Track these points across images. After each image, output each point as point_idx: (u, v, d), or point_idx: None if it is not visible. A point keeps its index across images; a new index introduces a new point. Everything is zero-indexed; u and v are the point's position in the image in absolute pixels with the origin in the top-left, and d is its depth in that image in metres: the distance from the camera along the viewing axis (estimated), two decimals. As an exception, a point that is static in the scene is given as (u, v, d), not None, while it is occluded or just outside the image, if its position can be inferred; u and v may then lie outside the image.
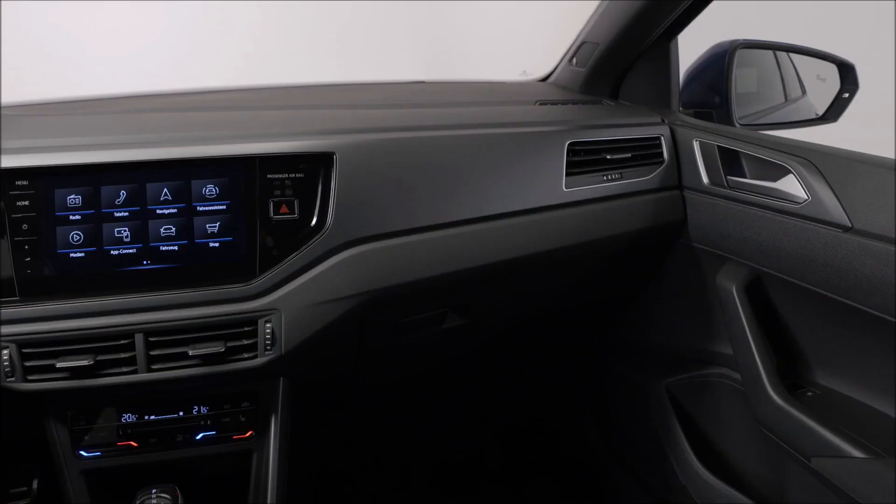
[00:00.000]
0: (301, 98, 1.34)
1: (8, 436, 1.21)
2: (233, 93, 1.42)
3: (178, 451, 1.00)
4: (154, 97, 1.35)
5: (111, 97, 1.33)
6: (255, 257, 0.96)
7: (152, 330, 0.92)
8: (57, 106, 1.27)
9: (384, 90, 1.52)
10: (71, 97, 1.34)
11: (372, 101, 1.30)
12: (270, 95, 1.38)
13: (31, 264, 0.93)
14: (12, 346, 0.90)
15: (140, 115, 1.11)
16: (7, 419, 1.06)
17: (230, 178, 0.96)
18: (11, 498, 1.37)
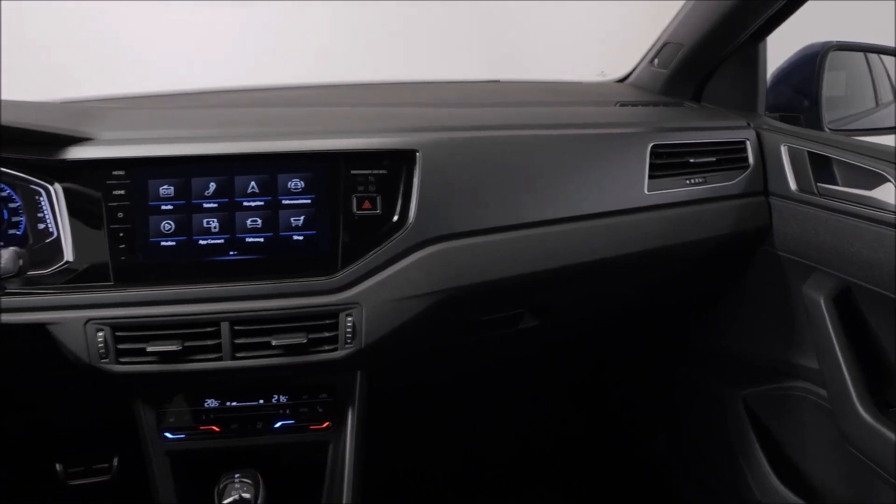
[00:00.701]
0: (380, 95, 1.35)
1: (95, 415, 1.27)
2: (311, 89, 1.45)
3: (257, 437, 1.02)
4: (235, 93, 1.39)
5: (195, 92, 1.37)
6: (337, 251, 0.98)
7: (238, 319, 0.95)
8: (145, 100, 1.32)
9: (460, 88, 1.52)
10: (156, 91, 1.39)
11: (450, 99, 1.30)
12: (348, 92, 1.40)
13: (125, 251, 0.96)
14: (107, 328, 0.94)
15: (226, 110, 1.14)
16: (97, 399, 1.11)
17: (315, 173, 0.98)
18: (94, 473, 1.43)
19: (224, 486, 0.92)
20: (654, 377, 1.67)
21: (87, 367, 0.94)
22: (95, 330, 0.94)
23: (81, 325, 0.94)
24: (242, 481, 0.93)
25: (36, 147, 0.96)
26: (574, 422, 1.79)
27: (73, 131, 0.97)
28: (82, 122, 0.99)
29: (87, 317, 0.94)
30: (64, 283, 0.97)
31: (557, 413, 1.79)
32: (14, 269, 0.88)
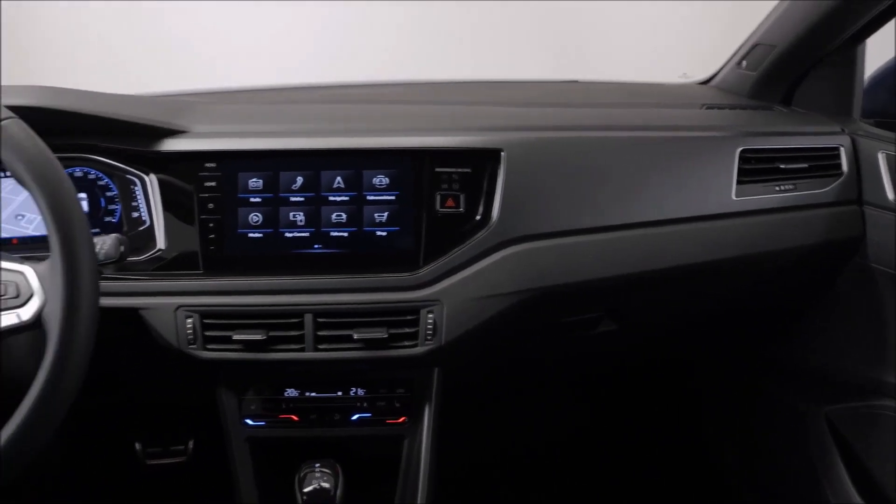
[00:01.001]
0: (459, 93, 1.35)
1: (176, 399, 1.31)
2: (389, 87, 1.46)
3: (335, 428, 1.04)
4: (316, 89, 1.41)
5: (277, 88, 1.40)
6: (419, 248, 0.98)
7: (321, 311, 0.96)
8: (230, 95, 1.36)
9: (539, 88, 1.51)
10: (240, 87, 1.43)
11: (531, 98, 1.29)
12: (427, 90, 1.40)
13: (214, 241, 0.99)
14: (195, 315, 0.97)
15: (311, 106, 1.16)
16: (180, 384, 1.15)
17: (400, 170, 0.99)
18: (170, 454, 1.48)
19: (304, 475, 0.94)
20: (731, 387, 1.62)
21: (176, 352, 0.97)
22: (185, 316, 0.97)
23: (172, 312, 0.97)
24: (322, 471, 0.94)
25: (134, 138, 1.00)
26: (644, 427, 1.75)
27: (169, 124, 1.00)
28: (177, 116, 1.03)
29: (177, 303, 0.97)
30: (155, 270, 1.00)
31: (627, 417, 1.76)
32: (116, 255, 0.92)
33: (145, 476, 1.56)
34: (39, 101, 0.89)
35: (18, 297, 0.73)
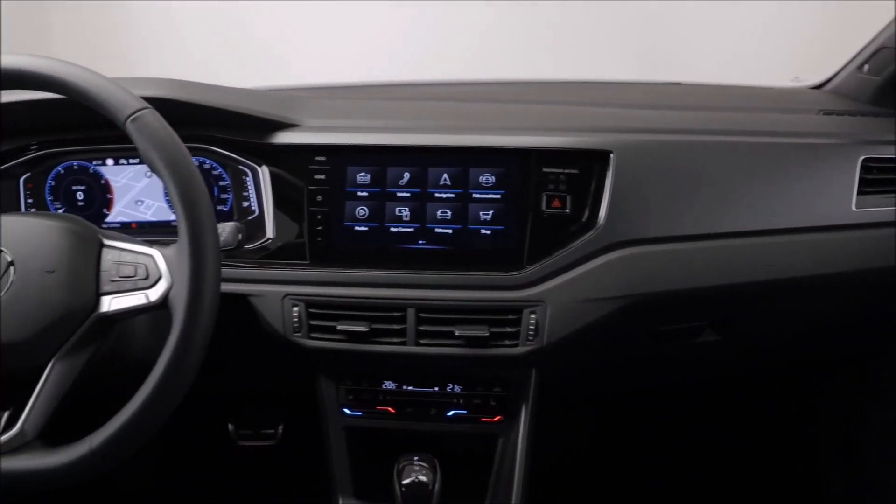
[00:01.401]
0: (564, 94, 1.34)
1: (275, 385, 1.35)
2: (491, 85, 1.46)
3: (430, 423, 1.04)
4: (422, 86, 1.42)
5: (384, 84, 1.42)
6: (523, 248, 0.98)
7: (424, 307, 0.97)
8: (338, 90, 1.38)
9: (642, 90, 1.48)
10: (344, 82, 1.45)
11: (637, 100, 1.26)
12: (529, 90, 1.39)
13: (321, 233, 1.01)
14: (301, 304, 0.99)
15: (418, 103, 1.17)
16: (281, 370, 1.18)
17: (507, 169, 0.98)
18: (261, 437, 1.53)
19: (403, 467, 0.95)
20: (839, 410, 1.55)
21: (281, 339, 1.00)
22: (291, 305, 0.99)
23: (279, 300, 1.00)
24: (420, 464, 0.95)
25: (249, 131, 1.03)
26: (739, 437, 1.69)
27: (283, 117, 1.03)
28: (290, 110, 1.05)
29: (284, 292, 1.00)
30: (262, 258, 1.03)
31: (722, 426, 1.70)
32: (234, 243, 0.95)
33: (235, 456, 1.61)
34: (168, 92, 0.93)
35: (147, 278, 0.77)
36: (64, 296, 0.76)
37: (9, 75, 0.77)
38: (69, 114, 1.01)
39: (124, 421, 0.74)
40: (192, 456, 1.67)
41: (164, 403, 0.74)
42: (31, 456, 0.75)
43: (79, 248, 0.78)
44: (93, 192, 1.12)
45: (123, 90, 0.76)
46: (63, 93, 0.77)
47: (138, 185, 1.12)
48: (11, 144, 1.07)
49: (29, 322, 0.75)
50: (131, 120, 0.75)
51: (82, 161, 1.11)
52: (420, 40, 3.25)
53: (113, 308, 0.77)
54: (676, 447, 1.68)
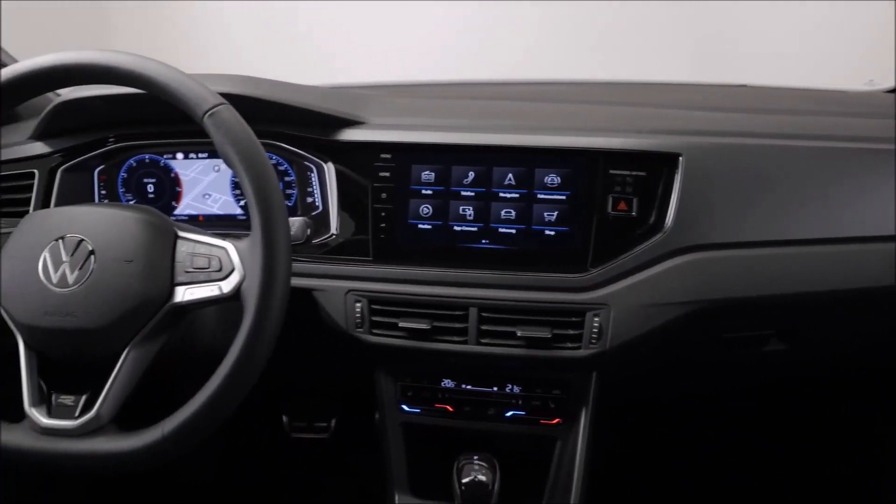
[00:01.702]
0: (628, 95, 1.32)
1: (332, 379, 1.37)
2: (556, 85, 1.45)
3: (488, 423, 1.04)
4: (485, 85, 1.42)
5: (446, 83, 1.43)
6: (588, 250, 0.97)
7: (486, 306, 0.97)
8: (401, 88, 1.39)
9: (706, 91, 1.45)
10: (403, 81, 1.46)
11: (703, 102, 1.24)
12: (594, 90, 1.38)
13: (385, 230, 1.02)
14: (364, 300, 1.00)
15: (484, 102, 1.16)
16: (340, 365, 1.19)
17: (573, 170, 0.98)
18: (314, 430, 1.55)
19: (462, 466, 0.95)
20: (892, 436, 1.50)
21: (343, 334, 1.01)
22: (354, 301, 1.00)
23: (342, 295, 1.01)
24: (480, 464, 0.95)
25: (316, 127, 1.04)
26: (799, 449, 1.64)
27: (350, 115, 1.04)
28: (356, 107, 1.06)
29: (347, 287, 1.01)
30: (325, 253, 1.05)
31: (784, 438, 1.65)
32: (303, 238, 0.97)
33: (288, 447, 1.64)
34: (242, 89, 0.95)
35: (220, 270, 0.78)
36: (141, 285, 0.78)
37: (95, 71, 0.79)
38: (145, 108, 1.04)
39: (196, 408, 0.75)
40: (247, 446, 1.70)
41: (234, 393, 0.76)
42: (105, 439, 0.77)
43: (156, 240, 0.80)
44: (163, 185, 1.15)
45: (202, 86, 0.78)
46: (145, 88, 0.79)
47: (206, 178, 1.15)
48: (89, 137, 1.11)
49: (107, 310, 0.77)
50: (209, 115, 0.77)
51: (154, 154, 1.14)
52: (472, 40, 3.25)
53: (186, 298, 0.79)
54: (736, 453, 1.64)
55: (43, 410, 0.79)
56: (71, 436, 0.77)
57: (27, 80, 0.80)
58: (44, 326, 0.78)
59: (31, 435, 0.78)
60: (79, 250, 0.79)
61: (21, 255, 0.80)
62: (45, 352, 0.81)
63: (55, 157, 1.11)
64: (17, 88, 0.80)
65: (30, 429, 0.78)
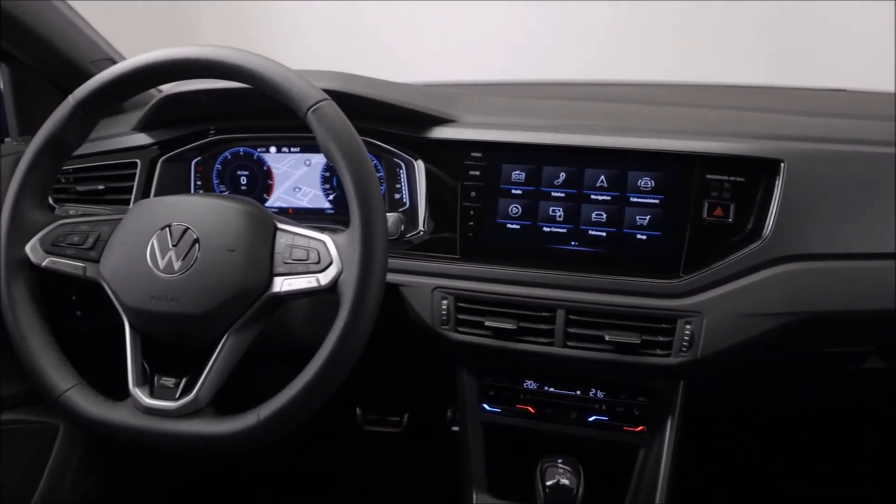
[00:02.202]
0: (722, 98, 1.29)
1: (412, 374, 1.38)
2: (647, 87, 1.43)
3: (569, 427, 1.03)
4: (572, 85, 1.41)
5: (533, 82, 1.42)
6: (680, 256, 0.95)
7: (574, 308, 0.96)
8: (486, 87, 1.39)
9: (803, 95, 1.40)
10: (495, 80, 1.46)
11: (802, 106, 1.20)
12: (686, 92, 1.35)
13: (472, 228, 1.02)
14: (451, 298, 1.00)
15: (574, 103, 1.15)
16: (423, 361, 1.20)
17: (667, 174, 0.96)
18: (387, 423, 1.57)
19: (546, 469, 0.95)
20: None
21: (428, 330, 1.02)
22: (440, 298, 1.01)
23: (429, 292, 1.01)
24: (564, 467, 0.94)
25: (408, 125, 1.05)
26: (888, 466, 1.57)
27: (442, 113, 1.04)
28: (448, 105, 1.07)
29: (434, 284, 1.02)
30: (412, 250, 1.05)
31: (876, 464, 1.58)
32: (396, 233, 0.98)
33: (361, 439, 1.66)
34: (340, 85, 0.96)
35: (319, 262, 0.80)
36: (242, 274, 0.80)
37: (203, 65, 0.82)
38: (243, 103, 1.07)
39: (291, 396, 0.77)
40: (320, 435, 1.73)
41: (328, 382, 0.77)
42: (203, 422, 0.80)
43: (257, 230, 0.82)
44: (255, 178, 1.18)
45: (306, 82, 0.80)
46: (251, 83, 0.81)
47: (297, 172, 1.17)
48: (189, 129, 1.15)
49: (209, 297, 0.80)
50: (312, 111, 0.78)
51: (248, 148, 1.17)
52: (542, 39, 3.23)
53: (284, 289, 0.80)
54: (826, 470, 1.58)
55: (146, 391, 0.82)
56: (171, 416, 0.79)
57: (143, 73, 0.83)
58: (149, 310, 0.81)
59: (134, 413, 0.81)
60: (184, 238, 0.82)
61: (131, 242, 0.84)
62: (148, 334, 0.84)
63: (155, 147, 1.15)
64: (135, 80, 0.84)
65: (133, 407, 0.81)
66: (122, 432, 0.81)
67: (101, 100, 0.86)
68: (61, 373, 0.84)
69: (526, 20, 3.22)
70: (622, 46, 3.14)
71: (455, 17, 3.31)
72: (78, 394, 0.83)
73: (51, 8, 1.13)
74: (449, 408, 1.49)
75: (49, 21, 1.13)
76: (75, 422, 0.83)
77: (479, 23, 3.28)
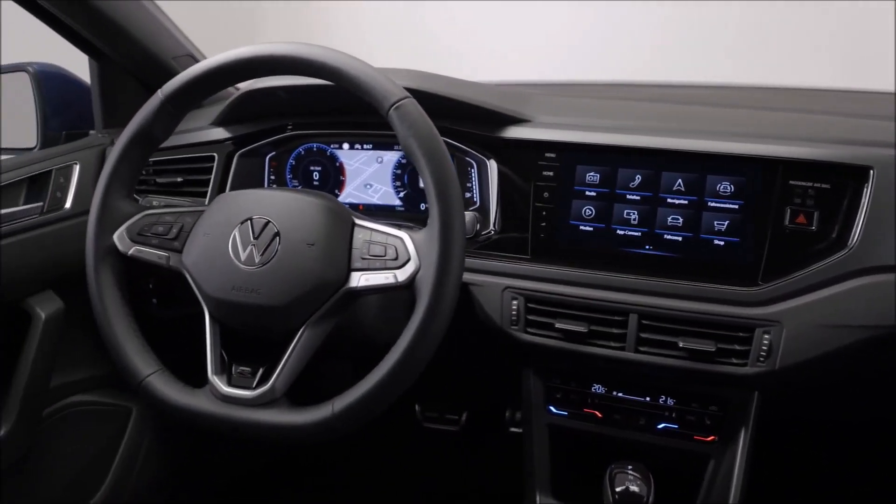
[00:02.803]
0: (800, 101, 1.24)
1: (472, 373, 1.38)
2: (718, 90, 1.39)
3: (637, 433, 1.02)
4: (643, 87, 1.39)
5: (603, 83, 1.40)
6: (759, 263, 0.92)
7: (647, 314, 0.95)
8: (556, 87, 1.38)
9: (884, 101, 1.35)
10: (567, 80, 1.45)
11: (888, 112, 1.15)
12: (762, 95, 1.31)
13: (544, 229, 1.02)
14: (521, 298, 1.00)
15: (649, 104, 1.13)
16: (489, 361, 1.20)
17: (748, 179, 0.93)
18: (445, 421, 1.57)
19: (615, 474, 0.93)
20: None
21: (497, 330, 1.02)
22: (511, 298, 1.01)
23: (499, 292, 1.01)
24: (634, 474, 0.93)
25: (481, 123, 1.05)
26: None
27: (516, 112, 1.04)
28: (522, 105, 1.06)
29: (504, 284, 1.02)
30: (482, 249, 1.05)
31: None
32: (472, 232, 0.99)
33: (418, 435, 1.67)
34: (419, 84, 0.97)
35: (396, 259, 0.80)
36: (320, 268, 0.81)
37: (289, 62, 0.83)
38: (320, 99, 1.09)
39: (366, 390, 0.78)
40: (378, 430, 1.74)
41: (403, 378, 0.78)
42: (278, 412, 0.81)
43: (336, 225, 0.83)
44: (328, 173, 1.19)
45: (389, 80, 0.80)
46: (334, 80, 0.82)
47: (369, 169, 1.18)
48: (265, 125, 1.17)
49: (289, 289, 0.81)
50: (395, 108, 0.79)
51: (321, 144, 1.19)
52: (597, 40, 3.20)
53: (361, 284, 0.81)
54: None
55: (224, 379, 0.84)
56: (248, 405, 0.81)
57: (231, 69, 0.85)
58: (230, 300, 0.83)
59: (212, 401, 0.83)
60: (265, 231, 0.83)
61: (213, 233, 0.86)
62: (227, 324, 0.86)
63: (231, 142, 1.18)
64: (222, 76, 0.86)
65: (211, 394, 0.83)
66: (201, 419, 0.83)
67: (189, 95, 0.88)
68: (144, 358, 0.87)
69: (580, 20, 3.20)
70: (674, 48, 3.09)
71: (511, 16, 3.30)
72: (159, 379, 0.86)
73: (140, 7, 1.17)
74: (507, 409, 1.48)
75: (137, 18, 1.17)
76: (156, 407, 0.85)
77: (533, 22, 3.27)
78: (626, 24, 3.14)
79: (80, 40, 1.17)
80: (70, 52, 1.24)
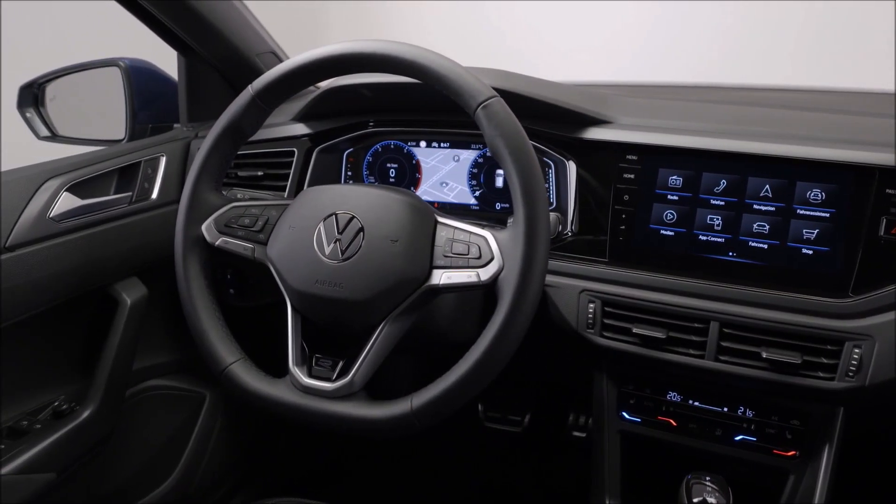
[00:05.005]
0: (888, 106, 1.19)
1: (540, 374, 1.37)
2: (802, 93, 1.35)
3: (713, 444, 1.00)
4: (726, 89, 1.35)
5: (683, 85, 1.37)
6: (851, 274, 0.89)
7: (729, 322, 0.92)
8: (637, 89, 1.35)
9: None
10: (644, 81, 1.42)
11: None
12: (850, 100, 1.26)
13: (623, 232, 1.00)
14: (598, 301, 0.99)
15: (734, 107, 1.10)
16: (562, 363, 1.19)
17: (840, 186, 0.90)
18: (507, 422, 1.56)
19: (692, 485, 0.91)
20: None
21: (572, 333, 1.01)
22: (587, 301, 1.00)
23: (576, 294, 1.00)
24: (712, 486, 0.91)
25: (562, 124, 1.04)
26: None
27: (598, 114, 1.03)
28: (603, 106, 1.05)
29: (581, 287, 1.01)
30: (559, 250, 1.05)
31: None
32: (554, 233, 0.98)
33: (480, 434, 1.67)
34: (504, 83, 0.97)
35: (480, 258, 0.80)
36: (403, 264, 0.81)
37: (377, 60, 0.84)
38: (400, 97, 1.10)
39: (445, 387, 0.78)
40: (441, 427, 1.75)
41: (482, 377, 0.78)
42: (357, 405, 0.82)
43: (419, 222, 0.84)
44: (404, 170, 1.20)
45: (477, 79, 0.80)
46: (422, 78, 0.82)
47: (445, 168, 1.19)
48: (345, 121, 1.19)
49: (371, 284, 0.82)
50: (482, 107, 0.79)
51: (398, 141, 1.20)
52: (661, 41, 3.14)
53: (443, 282, 0.81)
54: None
55: (304, 370, 0.85)
56: (328, 397, 0.82)
57: (319, 66, 0.86)
58: (313, 293, 0.84)
59: (293, 391, 0.84)
60: (350, 227, 0.85)
61: (298, 227, 0.87)
62: (309, 317, 0.87)
63: (309, 138, 1.20)
64: (311, 73, 0.87)
65: (291, 385, 0.85)
66: (282, 408, 0.84)
67: (278, 90, 0.90)
68: (227, 347, 0.89)
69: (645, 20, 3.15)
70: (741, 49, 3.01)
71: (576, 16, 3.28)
72: (241, 367, 0.88)
73: (230, 6, 1.20)
74: (571, 412, 1.47)
75: (227, 16, 1.20)
76: (237, 394, 0.87)
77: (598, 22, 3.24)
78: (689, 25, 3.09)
79: (172, 36, 1.21)
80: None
